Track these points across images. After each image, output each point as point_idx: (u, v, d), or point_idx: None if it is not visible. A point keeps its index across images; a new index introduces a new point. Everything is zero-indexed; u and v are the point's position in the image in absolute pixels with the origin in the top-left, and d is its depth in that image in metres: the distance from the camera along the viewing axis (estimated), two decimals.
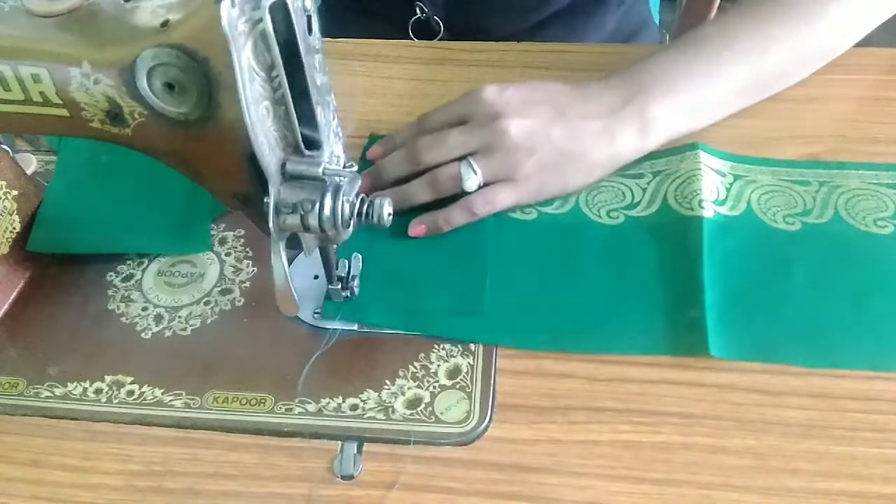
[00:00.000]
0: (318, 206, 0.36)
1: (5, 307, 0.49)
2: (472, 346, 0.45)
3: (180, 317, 0.48)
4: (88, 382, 0.45)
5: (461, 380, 0.44)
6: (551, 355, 0.45)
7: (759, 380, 0.43)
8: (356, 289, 0.46)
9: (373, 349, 0.45)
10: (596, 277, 0.47)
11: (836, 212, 0.49)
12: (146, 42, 0.34)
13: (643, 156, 0.52)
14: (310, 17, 0.34)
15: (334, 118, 0.39)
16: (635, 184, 0.52)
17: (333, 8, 0.75)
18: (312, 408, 0.43)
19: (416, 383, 0.44)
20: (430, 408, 0.43)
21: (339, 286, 0.46)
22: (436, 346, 0.45)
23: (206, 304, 0.49)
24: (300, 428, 0.42)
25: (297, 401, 0.43)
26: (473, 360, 0.44)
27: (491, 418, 0.42)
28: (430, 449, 0.41)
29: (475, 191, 0.49)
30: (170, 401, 0.44)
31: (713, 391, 0.42)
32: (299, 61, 0.34)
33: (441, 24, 0.72)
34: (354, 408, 0.43)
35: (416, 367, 0.44)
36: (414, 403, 0.43)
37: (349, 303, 0.46)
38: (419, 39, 0.71)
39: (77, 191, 0.54)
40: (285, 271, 0.38)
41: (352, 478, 0.40)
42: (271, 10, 0.32)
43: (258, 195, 0.37)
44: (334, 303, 0.46)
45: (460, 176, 0.49)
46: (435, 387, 0.43)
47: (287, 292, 0.39)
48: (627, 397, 0.42)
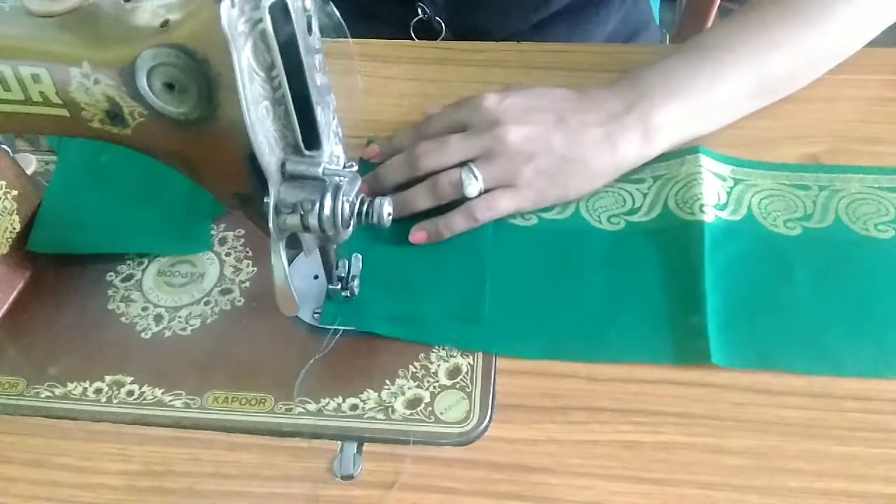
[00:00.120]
0: (318, 206, 0.36)
1: (5, 307, 0.49)
2: None
3: (180, 317, 0.48)
4: (88, 382, 0.45)
5: (461, 380, 0.44)
6: None
7: (759, 380, 0.43)
8: (356, 289, 0.46)
9: (373, 349, 0.45)
10: (596, 284, 0.47)
11: (836, 216, 0.49)
12: (146, 42, 0.34)
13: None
14: (310, 17, 0.34)
15: (334, 118, 0.39)
16: (636, 189, 0.51)
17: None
18: (312, 408, 0.43)
19: (416, 383, 0.44)
20: (430, 408, 0.43)
21: (339, 286, 0.46)
22: (436, 346, 0.45)
23: (206, 304, 0.49)
24: (300, 428, 0.42)
25: (297, 401, 0.43)
26: (473, 360, 0.44)
27: (491, 418, 0.42)
28: (430, 449, 0.41)
29: (476, 197, 0.49)
30: (170, 401, 0.44)
31: (713, 391, 0.42)
32: (299, 61, 0.34)
33: (443, 25, 0.72)
34: (354, 408, 0.43)
35: (416, 367, 0.44)
36: (414, 403, 0.43)
37: (348, 309, 0.46)
38: (421, 40, 0.71)
39: (77, 191, 0.54)
40: (285, 271, 0.38)
41: (352, 478, 0.40)
42: (271, 10, 0.32)
43: (258, 195, 0.37)
44: (333, 308, 0.46)
45: (461, 182, 0.48)
46: (435, 387, 0.43)
47: (287, 292, 0.39)
48: (627, 397, 0.42)
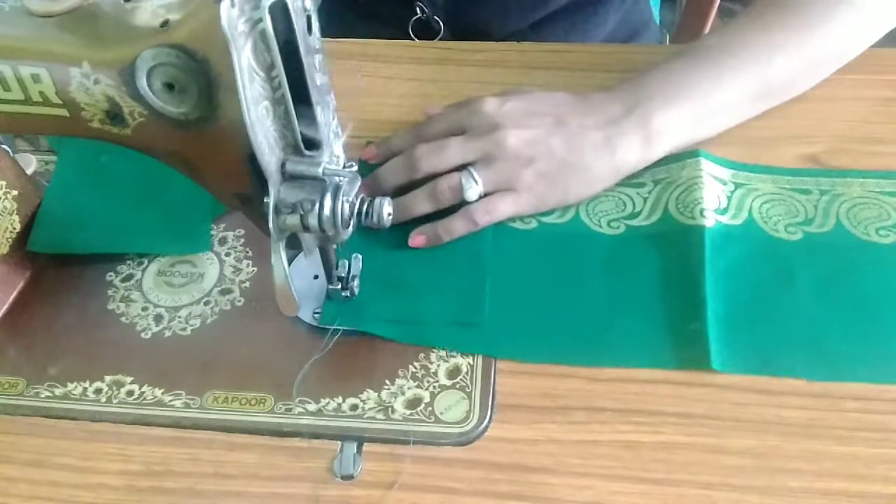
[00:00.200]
0: (317, 206, 0.36)
1: (5, 307, 0.49)
2: None
3: (180, 317, 0.48)
4: (88, 382, 0.45)
5: (461, 380, 0.44)
6: None
7: (759, 380, 0.43)
8: (356, 289, 0.46)
9: (373, 349, 0.45)
10: (596, 289, 0.47)
11: (837, 221, 0.49)
12: (146, 42, 0.34)
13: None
14: (310, 17, 0.34)
15: (334, 118, 0.39)
16: (636, 193, 0.51)
17: (334, 9, 0.75)
18: (312, 408, 0.43)
19: (416, 383, 0.44)
20: (430, 408, 0.43)
21: (339, 286, 0.46)
22: (436, 347, 0.45)
23: (206, 304, 0.49)
24: (300, 428, 0.42)
25: (297, 401, 0.43)
26: (473, 360, 0.44)
27: (491, 418, 0.42)
28: (430, 449, 0.41)
29: (476, 201, 0.48)
30: (170, 401, 0.44)
31: (713, 391, 0.42)
32: (299, 61, 0.34)
33: (441, 24, 0.72)
34: (354, 408, 0.43)
35: (415, 367, 0.44)
36: (414, 403, 0.43)
37: (348, 310, 0.46)
38: (419, 40, 0.71)
39: (77, 191, 0.54)
40: (285, 271, 0.38)
41: (352, 478, 0.40)
42: (271, 10, 0.32)
43: (258, 195, 0.37)
44: (333, 309, 0.46)
45: (461, 186, 0.48)
46: (435, 387, 0.43)
47: (287, 292, 0.39)
48: (627, 397, 0.42)
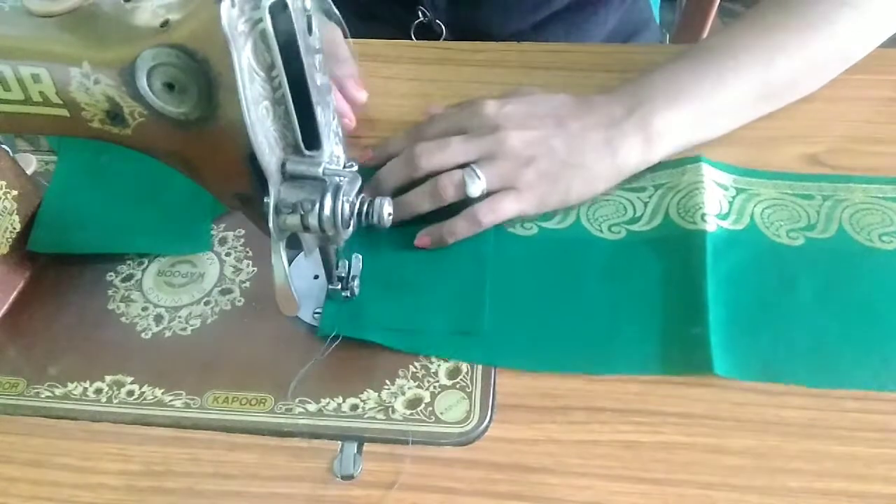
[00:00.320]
0: (318, 206, 0.36)
1: (5, 307, 0.49)
2: None
3: (180, 317, 0.48)
4: (88, 382, 0.45)
5: (461, 380, 0.44)
6: None
7: None
8: (356, 289, 0.46)
9: (373, 349, 0.45)
10: (597, 295, 0.46)
11: (840, 226, 0.49)
12: (146, 42, 0.34)
13: (645, 169, 0.51)
14: (310, 17, 0.34)
15: (334, 118, 0.39)
16: (637, 197, 0.51)
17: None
18: (312, 408, 0.43)
19: (417, 383, 0.44)
20: (431, 408, 0.43)
21: (340, 286, 0.46)
22: None
23: (206, 304, 0.49)
24: (300, 428, 0.42)
25: (297, 401, 0.43)
26: None
27: (491, 418, 0.42)
28: (430, 449, 0.41)
29: (478, 198, 0.48)
30: (170, 401, 0.44)
31: (713, 391, 0.42)
32: (299, 61, 0.34)
33: (443, 28, 0.72)
34: (354, 408, 0.43)
35: (416, 367, 0.44)
36: (414, 403, 0.43)
37: (346, 320, 0.46)
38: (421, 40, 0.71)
39: (77, 191, 0.54)
40: (285, 271, 0.38)
41: (352, 478, 0.40)
42: (271, 10, 0.32)
43: (258, 195, 0.37)
44: (331, 318, 0.46)
45: (463, 182, 0.48)
46: (435, 387, 0.43)
47: (287, 292, 0.39)
48: (627, 397, 0.42)
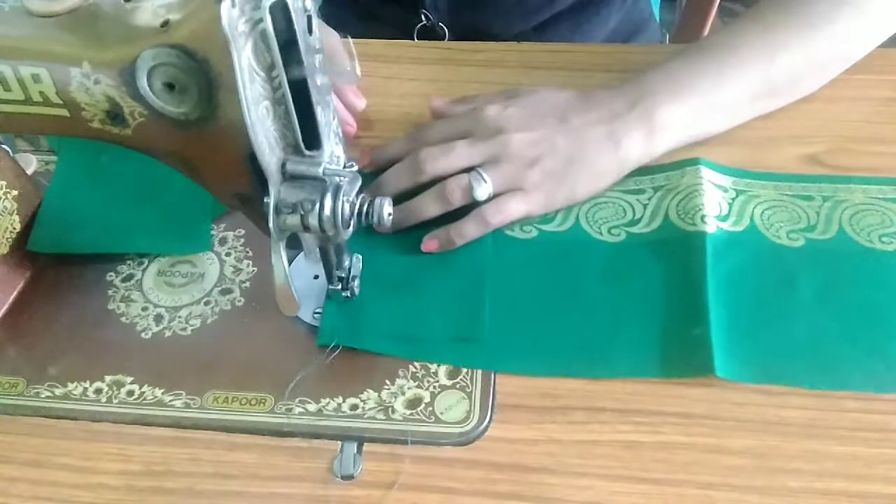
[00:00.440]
0: (318, 206, 0.36)
1: (5, 307, 0.49)
2: None
3: (180, 317, 0.48)
4: (88, 382, 0.45)
5: (461, 380, 0.44)
6: None
7: None
8: (356, 289, 0.46)
9: None
10: (598, 298, 0.46)
11: (840, 227, 0.49)
12: (146, 42, 0.34)
13: (643, 171, 0.51)
14: (310, 17, 0.34)
15: (334, 118, 0.39)
16: (636, 199, 0.51)
17: (338, 13, 0.75)
18: (312, 408, 0.43)
19: (417, 383, 0.44)
20: (431, 408, 0.43)
21: (340, 286, 0.46)
22: None
23: (206, 304, 0.49)
24: (300, 428, 0.42)
25: (297, 401, 0.43)
26: None
27: (491, 418, 0.42)
28: (430, 449, 0.41)
29: (485, 201, 0.48)
30: (170, 401, 0.44)
31: (713, 391, 0.42)
32: (299, 61, 0.34)
33: (446, 30, 0.72)
34: (354, 408, 0.43)
35: (416, 367, 0.44)
36: (414, 403, 0.43)
37: (345, 330, 0.45)
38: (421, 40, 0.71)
39: (77, 191, 0.54)
40: (285, 271, 0.38)
41: (352, 478, 0.40)
42: (271, 10, 0.32)
43: (258, 195, 0.37)
44: (331, 327, 0.45)
45: (470, 186, 0.48)
46: (435, 387, 0.43)
47: (287, 292, 0.39)
48: (627, 397, 0.42)
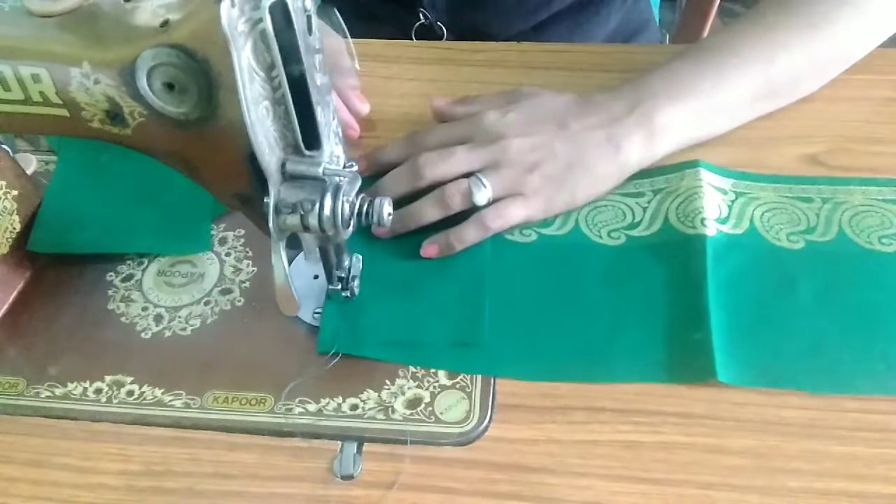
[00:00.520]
0: (318, 206, 0.36)
1: (5, 307, 0.49)
2: None
3: (180, 317, 0.48)
4: (88, 382, 0.45)
5: (461, 379, 0.44)
6: None
7: None
8: (356, 289, 0.46)
9: None
10: (598, 302, 0.46)
11: (840, 229, 0.48)
12: (146, 42, 0.34)
13: (643, 174, 0.51)
14: (310, 17, 0.34)
15: (334, 118, 0.39)
16: (635, 202, 0.51)
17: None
18: (312, 408, 0.43)
19: (416, 383, 0.44)
20: (430, 408, 0.43)
21: (340, 286, 0.46)
22: None
23: (206, 304, 0.49)
24: (300, 428, 0.42)
25: (297, 401, 0.43)
26: None
27: (491, 418, 0.42)
28: (430, 449, 0.41)
29: (485, 206, 0.48)
30: (170, 401, 0.44)
31: (713, 391, 0.42)
32: (299, 61, 0.34)
33: (444, 29, 0.72)
34: (354, 408, 0.43)
35: (415, 367, 0.44)
36: (414, 403, 0.43)
37: (345, 337, 0.45)
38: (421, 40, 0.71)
39: (77, 191, 0.54)
40: (285, 271, 0.38)
41: (352, 478, 0.40)
42: (271, 10, 0.32)
43: (258, 195, 0.37)
44: (331, 333, 0.45)
45: (469, 191, 0.47)
46: (435, 387, 0.43)
47: (287, 292, 0.39)
48: (627, 397, 0.42)
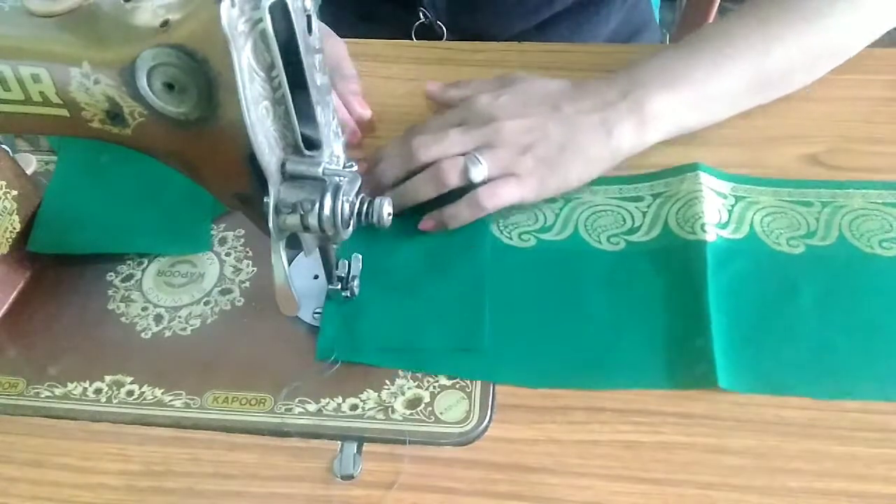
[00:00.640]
0: (318, 206, 0.36)
1: (5, 307, 0.49)
2: None
3: (180, 317, 0.48)
4: (88, 382, 0.45)
5: (461, 380, 0.44)
6: None
7: None
8: (356, 289, 0.46)
9: None
10: (598, 308, 0.46)
11: (840, 233, 0.48)
12: (146, 42, 0.34)
13: (643, 178, 0.51)
14: (310, 17, 0.34)
15: (334, 118, 0.39)
16: (635, 207, 0.51)
17: (337, 13, 0.75)
18: (312, 408, 0.43)
19: (416, 383, 0.44)
20: (430, 408, 0.43)
21: (339, 286, 0.46)
22: None
23: (206, 304, 0.49)
24: (300, 428, 0.42)
25: (297, 401, 0.43)
26: None
27: (491, 418, 0.42)
28: (429, 449, 0.41)
29: (480, 183, 0.48)
30: (170, 401, 0.44)
31: (713, 391, 0.42)
32: (299, 61, 0.34)
33: (444, 29, 0.72)
34: (354, 408, 0.43)
35: None
36: (414, 403, 0.43)
37: (345, 343, 0.45)
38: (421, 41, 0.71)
39: (77, 191, 0.54)
40: (285, 271, 0.38)
41: (351, 478, 0.40)
42: (271, 10, 0.32)
43: (258, 195, 0.37)
44: (330, 339, 0.45)
45: (464, 168, 0.48)
46: (435, 387, 0.43)
47: (287, 292, 0.39)
48: (627, 397, 0.42)
